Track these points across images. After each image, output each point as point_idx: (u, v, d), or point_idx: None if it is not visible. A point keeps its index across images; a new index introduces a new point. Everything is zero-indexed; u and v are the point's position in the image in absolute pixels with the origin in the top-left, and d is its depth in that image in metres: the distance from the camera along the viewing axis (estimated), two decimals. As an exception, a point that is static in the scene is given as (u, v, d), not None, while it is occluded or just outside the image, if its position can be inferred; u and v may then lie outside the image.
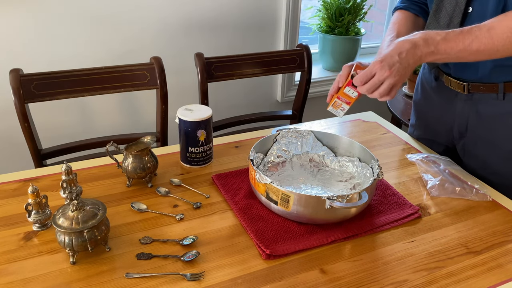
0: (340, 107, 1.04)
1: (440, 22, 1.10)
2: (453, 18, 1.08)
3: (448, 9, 1.08)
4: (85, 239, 0.82)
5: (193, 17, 1.94)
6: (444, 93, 1.22)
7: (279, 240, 0.91)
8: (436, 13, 1.11)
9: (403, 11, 1.22)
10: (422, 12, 1.22)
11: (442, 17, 1.10)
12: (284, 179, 1.09)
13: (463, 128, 1.20)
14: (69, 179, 0.98)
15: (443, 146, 1.31)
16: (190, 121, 1.10)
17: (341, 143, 1.14)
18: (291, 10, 2.09)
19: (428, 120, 1.33)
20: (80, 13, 1.75)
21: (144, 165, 1.05)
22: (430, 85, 1.28)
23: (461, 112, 1.19)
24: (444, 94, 1.22)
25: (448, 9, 1.08)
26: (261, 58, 1.69)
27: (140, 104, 2.02)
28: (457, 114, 1.20)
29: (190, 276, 0.82)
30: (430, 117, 1.31)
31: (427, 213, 1.03)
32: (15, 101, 1.34)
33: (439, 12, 1.10)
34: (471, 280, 0.85)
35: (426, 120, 1.34)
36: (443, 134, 1.28)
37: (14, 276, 0.81)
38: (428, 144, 1.34)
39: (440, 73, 1.21)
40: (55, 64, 1.77)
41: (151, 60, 1.51)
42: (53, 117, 1.87)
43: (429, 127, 1.33)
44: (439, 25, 1.10)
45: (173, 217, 0.98)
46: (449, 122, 1.24)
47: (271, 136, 1.14)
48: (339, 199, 0.89)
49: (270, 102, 2.33)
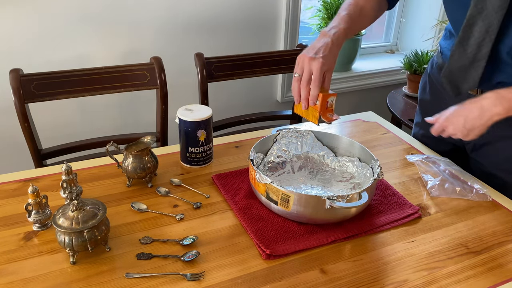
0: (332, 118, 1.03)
1: (467, 51, 1.03)
2: (482, 48, 1.00)
3: (477, 37, 1.00)
4: (85, 239, 0.82)
5: (193, 17, 1.95)
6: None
7: (279, 240, 0.91)
8: (463, 41, 1.03)
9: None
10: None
11: (470, 46, 1.02)
12: (284, 179, 1.09)
13: None
14: (69, 179, 0.98)
15: (451, 145, 1.29)
16: (190, 121, 1.10)
17: (341, 143, 1.14)
18: (291, 10, 2.09)
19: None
20: (80, 13, 1.75)
21: (144, 165, 1.05)
22: (440, 85, 1.24)
23: None
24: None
25: (476, 37, 1.00)
26: (261, 58, 1.69)
27: (140, 104, 2.02)
28: None
29: (190, 276, 0.82)
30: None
31: (427, 213, 1.03)
32: (15, 101, 1.34)
33: (467, 40, 1.02)
34: (471, 280, 0.85)
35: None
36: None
37: (14, 276, 0.82)
38: (435, 142, 1.32)
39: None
40: (55, 64, 1.77)
41: (151, 60, 1.51)
42: (53, 117, 1.87)
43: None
44: (466, 54, 1.04)
45: (173, 217, 0.98)
46: None
47: (271, 136, 1.14)
48: (339, 199, 0.89)
49: (270, 102, 2.34)
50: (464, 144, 1.25)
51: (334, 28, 1.05)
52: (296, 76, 1.01)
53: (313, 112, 1.02)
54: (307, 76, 0.99)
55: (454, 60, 1.07)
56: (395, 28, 2.70)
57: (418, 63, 2.23)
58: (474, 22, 0.99)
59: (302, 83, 1.00)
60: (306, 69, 0.99)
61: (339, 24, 1.06)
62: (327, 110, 1.00)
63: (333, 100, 1.00)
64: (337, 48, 1.03)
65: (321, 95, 0.98)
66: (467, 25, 1.00)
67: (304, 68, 0.99)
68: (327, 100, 0.99)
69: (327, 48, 1.01)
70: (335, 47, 1.02)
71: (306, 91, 1.00)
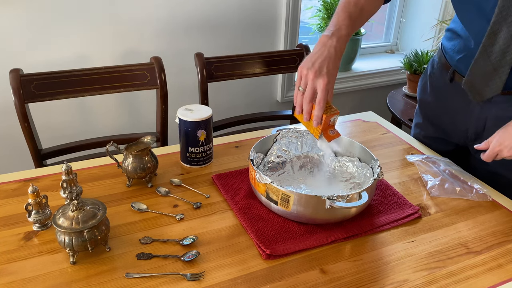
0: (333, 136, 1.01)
1: (491, 58, 1.04)
2: (507, 54, 1.01)
3: (501, 44, 1.00)
4: (85, 239, 0.82)
5: (193, 17, 1.94)
6: (460, 95, 1.18)
7: (279, 240, 0.91)
8: (488, 48, 1.02)
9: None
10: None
11: (495, 53, 1.02)
12: (284, 179, 1.09)
13: (480, 129, 1.18)
14: (69, 179, 0.98)
15: (454, 145, 1.29)
16: (190, 121, 1.10)
17: (341, 143, 1.14)
18: (291, 10, 2.09)
19: (439, 120, 1.29)
20: (80, 13, 1.75)
21: (144, 165, 1.05)
22: (443, 86, 1.24)
23: (479, 114, 1.16)
24: (460, 95, 1.18)
25: (501, 44, 1.00)
26: (261, 58, 1.69)
27: (140, 104, 2.02)
28: (474, 116, 1.17)
29: (190, 276, 0.82)
30: (442, 118, 1.28)
31: (427, 213, 1.03)
32: (15, 101, 1.34)
33: (491, 47, 1.02)
34: (471, 280, 0.85)
35: (437, 120, 1.30)
36: (456, 134, 1.25)
37: (14, 276, 0.82)
38: (437, 143, 1.31)
39: (456, 76, 1.18)
40: (55, 64, 1.77)
41: (151, 60, 1.51)
42: (53, 117, 1.87)
43: (440, 127, 1.30)
44: (490, 60, 1.04)
45: (173, 217, 0.98)
46: (464, 123, 1.21)
47: (271, 136, 1.14)
48: (339, 199, 0.89)
49: (270, 102, 2.34)
50: (468, 144, 1.25)
51: (335, 34, 1.01)
52: (299, 90, 0.99)
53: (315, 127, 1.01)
54: (311, 93, 0.96)
55: (478, 67, 1.07)
56: (395, 28, 2.70)
57: (418, 63, 2.23)
58: (499, 29, 0.99)
59: (305, 99, 0.97)
60: (310, 86, 0.96)
61: (340, 29, 1.02)
62: (328, 127, 0.99)
63: (335, 118, 0.99)
64: (340, 59, 1.01)
65: (324, 116, 0.96)
66: (491, 32, 1.00)
67: (308, 85, 0.96)
68: (330, 119, 0.98)
69: (330, 62, 0.98)
70: (338, 59, 1.00)
71: (309, 106, 0.98)
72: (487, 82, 1.07)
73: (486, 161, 1.04)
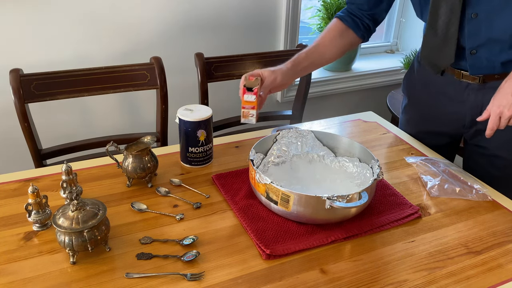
0: (249, 115, 1.11)
1: (437, 32, 1.12)
2: (450, 26, 1.09)
3: (444, 18, 1.09)
4: (85, 239, 0.82)
5: (193, 17, 1.94)
6: (453, 86, 1.21)
7: (279, 240, 0.91)
8: (432, 24, 1.12)
9: (338, 20, 1.27)
10: (355, 26, 1.26)
11: (439, 27, 1.11)
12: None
13: (477, 116, 1.17)
14: (69, 179, 0.98)
15: (448, 137, 1.31)
16: (190, 121, 1.10)
17: (341, 143, 1.14)
18: (291, 10, 2.09)
19: (433, 113, 1.31)
20: (80, 13, 1.75)
21: (144, 165, 1.05)
22: (434, 79, 1.26)
23: (474, 102, 1.19)
24: (453, 86, 1.21)
25: (443, 18, 1.09)
26: (261, 58, 1.69)
27: (140, 104, 2.02)
28: (470, 104, 1.20)
29: (190, 276, 0.82)
30: (436, 110, 1.30)
31: (427, 213, 1.03)
32: (15, 101, 1.34)
33: (436, 22, 1.11)
34: (471, 280, 0.85)
35: (430, 114, 1.32)
36: (452, 124, 1.28)
37: (14, 276, 0.82)
38: (430, 136, 1.33)
39: (448, 69, 1.21)
40: (55, 64, 1.77)
41: (151, 60, 1.51)
42: (53, 117, 1.87)
43: (434, 120, 1.32)
44: (437, 34, 1.13)
45: (173, 217, 0.98)
46: (459, 112, 1.23)
47: (271, 136, 1.14)
48: (339, 199, 0.89)
49: (270, 102, 2.33)
50: (463, 132, 1.27)
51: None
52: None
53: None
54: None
55: (428, 42, 1.17)
56: (395, 28, 2.70)
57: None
58: (439, 5, 1.09)
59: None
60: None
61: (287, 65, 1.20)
62: (247, 102, 1.11)
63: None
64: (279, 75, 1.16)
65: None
66: (432, 10, 1.11)
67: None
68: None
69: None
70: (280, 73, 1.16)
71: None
72: (439, 55, 1.18)
73: (490, 132, 1.04)
